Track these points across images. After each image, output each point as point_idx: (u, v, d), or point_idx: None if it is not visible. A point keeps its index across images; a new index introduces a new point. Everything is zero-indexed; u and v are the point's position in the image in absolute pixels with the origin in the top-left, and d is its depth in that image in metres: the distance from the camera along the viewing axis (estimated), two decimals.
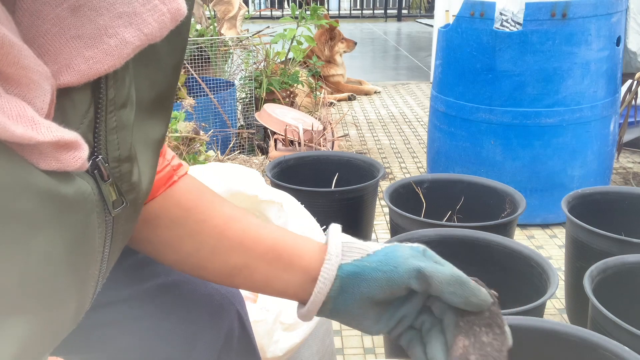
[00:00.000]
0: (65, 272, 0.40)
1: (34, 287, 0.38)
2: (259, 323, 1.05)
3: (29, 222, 0.35)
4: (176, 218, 0.62)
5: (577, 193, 1.66)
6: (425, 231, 1.43)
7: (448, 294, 0.56)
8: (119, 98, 0.41)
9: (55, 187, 0.36)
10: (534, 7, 2.06)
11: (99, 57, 0.36)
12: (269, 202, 1.29)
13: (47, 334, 0.43)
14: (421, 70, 5.77)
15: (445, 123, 2.36)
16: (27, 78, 0.33)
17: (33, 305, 0.39)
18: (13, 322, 0.38)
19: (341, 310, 0.59)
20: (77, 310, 0.46)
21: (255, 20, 7.44)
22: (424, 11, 10.49)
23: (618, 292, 1.26)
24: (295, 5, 3.96)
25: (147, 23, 0.38)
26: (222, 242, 0.61)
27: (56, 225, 0.37)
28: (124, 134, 0.42)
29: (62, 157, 0.36)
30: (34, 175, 0.34)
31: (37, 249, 0.36)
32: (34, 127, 0.33)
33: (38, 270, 0.37)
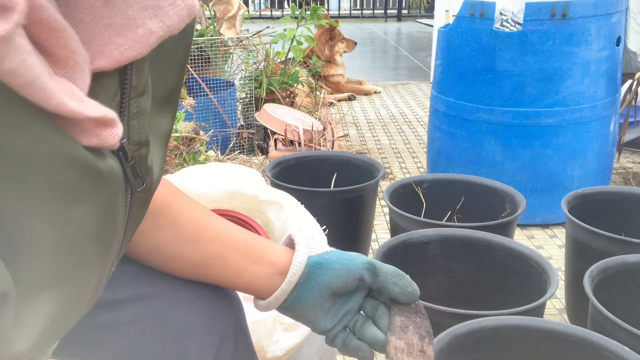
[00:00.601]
0: (94, 248, 0.43)
1: (66, 260, 0.41)
2: (259, 323, 1.05)
3: (70, 193, 0.38)
4: (156, 209, 0.65)
5: (577, 193, 1.66)
6: (425, 231, 1.43)
7: (391, 284, 0.66)
8: (139, 86, 0.44)
9: (94, 162, 0.39)
10: (534, 7, 2.06)
11: (129, 44, 0.40)
12: (269, 202, 1.29)
13: (71, 312, 0.46)
14: (421, 70, 5.77)
15: (445, 123, 2.36)
16: (74, 61, 0.36)
17: (63, 280, 0.41)
18: (44, 296, 0.40)
19: (302, 298, 0.66)
20: (94, 291, 0.48)
21: (255, 20, 7.45)
22: (424, 11, 10.49)
23: (618, 292, 1.26)
24: (295, 5, 3.96)
25: (169, 16, 0.42)
26: (200, 233, 0.66)
27: (91, 199, 0.40)
28: (142, 120, 0.46)
29: (102, 133, 0.39)
30: (78, 149, 0.38)
31: (74, 220, 0.39)
32: (83, 104, 0.36)
33: (71, 241, 0.40)
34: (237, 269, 0.66)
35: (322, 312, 0.67)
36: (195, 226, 0.67)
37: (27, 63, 0.32)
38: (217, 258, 0.66)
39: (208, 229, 0.67)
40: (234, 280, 0.68)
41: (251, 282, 0.67)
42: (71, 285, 0.43)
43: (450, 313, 1.10)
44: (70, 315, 0.47)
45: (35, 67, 0.33)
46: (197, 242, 0.66)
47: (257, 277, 0.67)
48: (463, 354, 0.99)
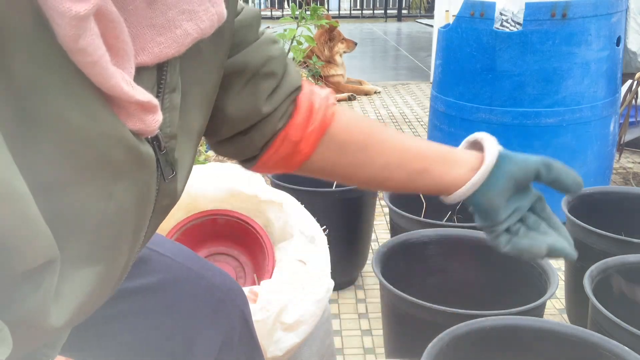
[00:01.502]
0: (128, 227, 0.47)
1: (105, 237, 0.44)
2: (259, 323, 1.05)
3: (115, 170, 0.42)
4: (362, 142, 0.71)
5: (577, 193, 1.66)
6: (425, 231, 1.43)
7: (564, 176, 0.72)
8: (172, 82, 0.48)
9: (137, 144, 0.43)
10: (534, 7, 2.06)
11: (168, 43, 0.44)
12: (269, 202, 1.29)
13: (104, 289, 0.49)
14: (421, 70, 5.77)
15: (445, 123, 2.36)
16: (124, 51, 0.39)
17: (100, 257, 0.45)
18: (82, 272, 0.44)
19: (493, 184, 0.72)
20: (123, 271, 0.52)
21: None
22: (424, 11, 10.49)
23: (618, 292, 1.26)
24: (295, 5, 3.96)
25: (202, 20, 0.46)
26: (405, 154, 0.73)
27: (133, 179, 0.44)
28: (173, 114, 0.49)
29: (146, 118, 0.42)
30: (125, 131, 0.41)
31: (117, 196, 0.43)
32: (133, 88, 0.40)
33: (112, 217, 0.44)
34: (440, 175, 0.73)
35: (502, 199, 0.72)
36: (400, 149, 0.72)
37: (96, 44, 0.36)
38: (423, 172, 0.72)
39: (411, 149, 0.73)
40: (438, 183, 0.74)
41: (452, 181, 0.73)
42: (106, 263, 0.46)
43: (450, 313, 1.10)
44: (102, 293, 0.49)
45: (101, 49, 0.37)
46: (404, 164, 0.72)
47: (457, 176, 0.73)
48: (463, 354, 0.99)
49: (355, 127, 0.72)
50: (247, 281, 1.30)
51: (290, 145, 0.67)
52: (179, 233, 1.26)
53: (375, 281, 1.92)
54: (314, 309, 1.13)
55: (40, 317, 0.41)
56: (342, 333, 1.67)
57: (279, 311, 1.08)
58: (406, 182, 0.74)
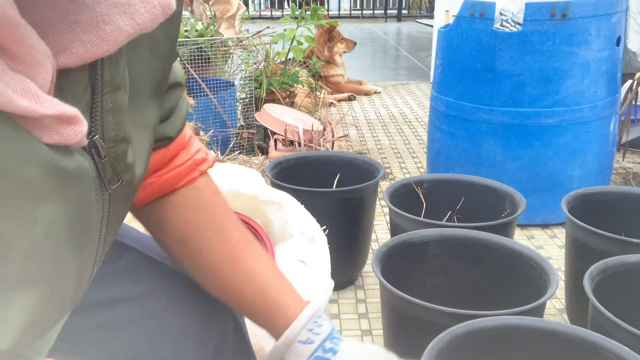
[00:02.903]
0: (67, 246, 0.43)
1: (38, 260, 0.40)
2: None
3: (34, 191, 0.37)
4: (195, 221, 0.68)
5: (577, 193, 1.66)
6: (425, 231, 1.43)
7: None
8: (114, 81, 0.43)
9: (57, 160, 0.38)
10: (534, 7, 2.06)
11: (95, 41, 0.39)
12: (269, 202, 1.29)
13: (51, 309, 0.45)
14: (421, 70, 5.77)
15: (445, 123, 2.36)
16: (31, 56, 0.35)
17: (38, 279, 0.41)
18: (21, 295, 0.40)
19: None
20: (76, 289, 0.48)
21: (255, 20, 7.44)
22: (425, 11, 10.49)
23: (618, 292, 1.26)
24: (295, 5, 3.96)
25: (140, 13, 0.41)
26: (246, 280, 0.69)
27: (59, 198, 0.40)
28: (118, 116, 0.45)
29: (64, 130, 0.38)
30: (38, 147, 0.37)
31: (42, 219, 0.39)
32: (38, 101, 0.35)
33: (43, 241, 0.39)
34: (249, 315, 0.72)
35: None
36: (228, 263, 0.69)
37: None
38: (237, 294, 0.69)
39: (256, 280, 0.69)
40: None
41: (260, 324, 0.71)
42: (48, 284, 0.42)
43: (450, 313, 1.10)
44: (52, 313, 0.46)
45: None
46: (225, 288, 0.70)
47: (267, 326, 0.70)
48: (463, 354, 0.99)
49: (210, 209, 0.69)
50: None
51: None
52: None
53: (375, 281, 1.92)
54: None
55: None
56: (342, 333, 1.67)
57: None
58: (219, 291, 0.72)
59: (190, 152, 0.68)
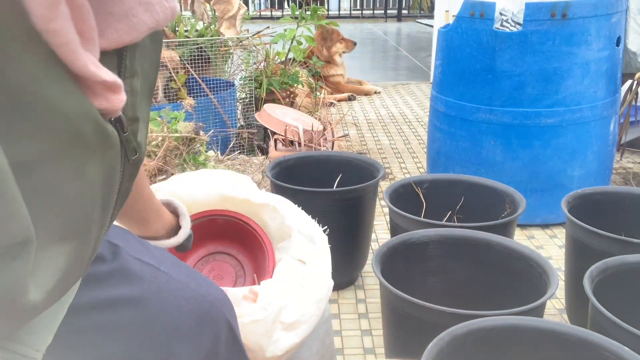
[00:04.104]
0: (98, 206, 0.49)
1: (77, 212, 0.47)
2: (258, 323, 1.05)
3: (86, 146, 0.44)
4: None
5: (577, 193, 1.66)
6: (425, 231, 1.43)
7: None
8: (133, 67, 0.51)
9: (103, 122, 0.46)
10: (534, 8, 2.06)
11: (125, 30, 0.47)
12: (262, 205, 1.28)
13: (76, 267, 0.51)
14: (421, 70, 5.77)
15: (445, 123, 2.36)
16: (90, 35, 0.42)
17: (73, 232, 0.47)
18: (58, 250, 0.46)
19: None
20: (92, 253, 0.54)
21: (255, 20, 7.44)
22: (426, 11, 10.49)
23: (618, 292, 1.26)
24: (295, 5, 3.96)
25: (157, 12, 0.49)
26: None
27: (101, 157, 0.47)
28: (134, 98, 0.52)
29: (111, 97, 0.45)
30: (92, 107, 0.44)
31: (87, 173, 0.46)
32: (100, 69, 0.43)
33: (84, 195, 0.46)
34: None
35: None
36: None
37: (67, 26, 0.39)
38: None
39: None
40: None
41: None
42: (79, 239, 0.48)
43: (450, 313, 1.10)
44: (76, 270, 0.51)
45: (71, 31, 0.40)
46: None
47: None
48: (463, 354, 0.99)
49: None
50: (246, 280, 1.30)
51: None
52: None
53: (375, 281, 1.92)
54: (314, 309, 1.13)
55: (18, 294, 0.42)
56: (342, 333, 1.67)
57: (279, 311, 1.08)
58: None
59: None
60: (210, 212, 1.28)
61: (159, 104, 2.77)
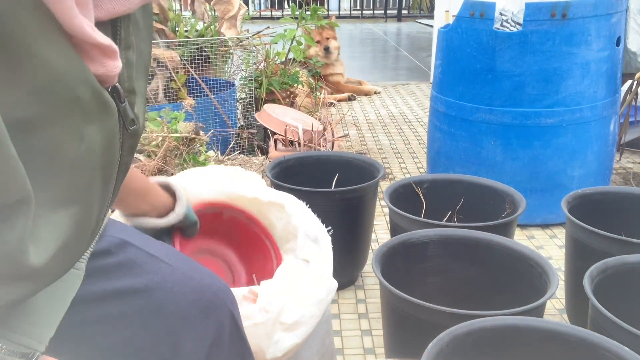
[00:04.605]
0: (99, 173, 0.50)
1: (78, 176, 0.47)
2: (259, 326, 1.05)
3: (84, 110, 0.44)
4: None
5: (577, 193, 1.66)
6: (425, 231, 1.43)
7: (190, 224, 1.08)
8: (127, 39, 0.51)
9: (101, 88, 0.46)
10: (534, 8, 2.06)
11: (120, 0, 0.47)
12: (270, 204, 1.28)
13: (79, 235, 0.51)
14: (421, 70, 5.77)
15: (445, 123, 2.36)
16: (86, 2, 0.43)
17: (75, 197, 0.47)
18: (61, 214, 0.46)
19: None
20: (95, 224, 0.54)
21: (255, 20, 7.44)
22: (425, 11, 10.49)
23: (618, 292, 1.26)
24: (295, 5, 3.96)
25: None
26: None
27: (100, 122, 0.47)
28: (130, 70, 0.53)
29: (107, 63, 0.46)
30: (89, 73, 0.44)
31: (87, 137, 0.46)
32: (96, 32, 0.43)
33: (84, 158, 0.46)
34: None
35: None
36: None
37: None
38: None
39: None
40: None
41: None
42: (81, 206, 0.49)
43: (450, 313, 1.10)
44: (79, 239, 0.52)
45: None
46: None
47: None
48: (463, 354, 0.99)
49: None
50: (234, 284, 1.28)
51: None
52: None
53: (375, 281, 1.92)
54: (315, 309, 1.13)
55: (18, 254, 0.43)
56: (342, 333, 1.67)
57: (279, 311, 1.08)
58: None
59: None
60: (221, 204, 1.26)
61: (159, 104, 2.77)
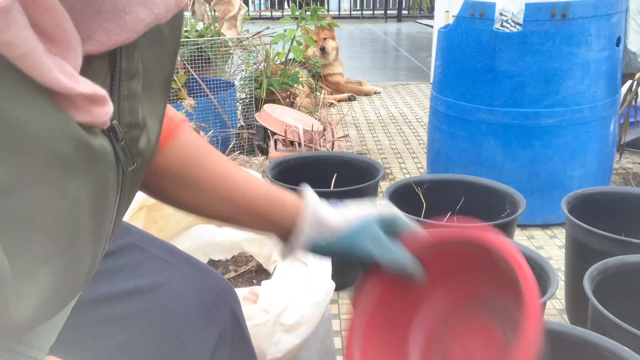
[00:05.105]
0: (87, 223, 0.45)
1: (63, 233, 0.42)
2: (259, 327, 1.05)
3: (66, 165, 0.40)
4: (179, 168, 0.69)
5: (577, 193, 1.66)
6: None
7: (394, 270, 0.75)
8: (130, 70, 0.46)
9: (87, 137, 0.41)
10: (534, 8, 2.06)
11: (117, 30, 0.42)
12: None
13: (66, 287, 0.48)
14: (421, 70, 5.77)
15: (445, 123, 2.36)
16: (67, 40, 0.37)
17: (60, 253, 0.43)
18: (43, 271, 0.42)
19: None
20: (89, 269, 0.50)
21: (256, 20, 7.45)
22: (427, 11, 10.49)
23: (618, 292, 1.26)
24: (295, 5, 3.96)
25: (156, 4, 0.44)
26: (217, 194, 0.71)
27: (86, 174, 0.42)
28: (133, 103, 0.48)
29: (94, 110, 0.41)
30: (71, 124, 0.39)
31: (71, 193, 0.41)
32: (75, 81, 0.38)
33: (68, 214, 0.42)
34: (251, 226, 0.74)
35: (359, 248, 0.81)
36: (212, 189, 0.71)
37: (24, 35, 0.33)
38: (232, 219, 0.72)
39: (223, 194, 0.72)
40: (251, 229, 0.75)
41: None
42: (67, 259, 0.45)
43: None
44: (67, 290, 0.49)
45: (31, 41, 0.34)
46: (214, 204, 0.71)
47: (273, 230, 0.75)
48: None
49: (199, 146, 0.72)
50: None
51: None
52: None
53: None
54: (314, 310, 1.13)
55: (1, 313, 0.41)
56: (342, 333, 1.67)
57: (279, 312, 1.08)
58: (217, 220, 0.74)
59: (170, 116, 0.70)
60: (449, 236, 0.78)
61: None
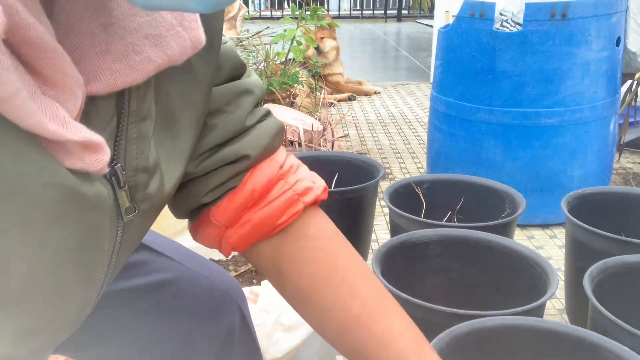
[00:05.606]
0: (72, 271, 0.42)
1: (40, 279, 0.40)
2: (259, 326, 1.05)
3: (50, 214, 0.37)
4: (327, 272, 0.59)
5: (577, 193, 1.66)
6: (425, 231, 1.43)
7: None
8: (140, 111, 0.43)
9: (77, 185, 0.38)
10: (534, 8, 2.06)
11: (124, 70, 0.39)
12: None
13: (46, 331, 0.45)
14: (421, 70, 5.77)
15: (445, 123, 2.36)
16: (63, 82, 0.35)
17: (36, 297, 0.41)
18: (15, 310, 0.39)
19: None
20: (78, 313, 0.48)
21: (255, 20, 7.45)
22: (427, 11, 10.49)
23: (618, 292, 1.26)
24: (295, 5, 3.96)
25: (171, 46, 0.42)
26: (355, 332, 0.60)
27: (73, 222, 0.39)
28: (142, 145, 0.44)
29: (87, 157, 0.38)
30: (60, 171, 0.37)
31: (53, 241, 0.38)
32: (65, 126, 0.35)
33: (48, 263, 0.39)
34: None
35: None
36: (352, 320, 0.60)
37: (3, 78, 0.31)
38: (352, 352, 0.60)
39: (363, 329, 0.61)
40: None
41: None
42: (49, 303, 0.42)
43: (450, 313, 1.10)
44: (57, 329, 0.46)
45: (12, 84, 0.31)
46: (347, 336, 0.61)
47: None
48: (463, 354, 0.99)
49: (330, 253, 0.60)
50: None
51: (215, 228, 0.59)
52: None
53: None
54: None
55: None
56: None
57: (279, 312, 1.08)
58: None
59: (289, 182, 0.61)
60: None
61: None
